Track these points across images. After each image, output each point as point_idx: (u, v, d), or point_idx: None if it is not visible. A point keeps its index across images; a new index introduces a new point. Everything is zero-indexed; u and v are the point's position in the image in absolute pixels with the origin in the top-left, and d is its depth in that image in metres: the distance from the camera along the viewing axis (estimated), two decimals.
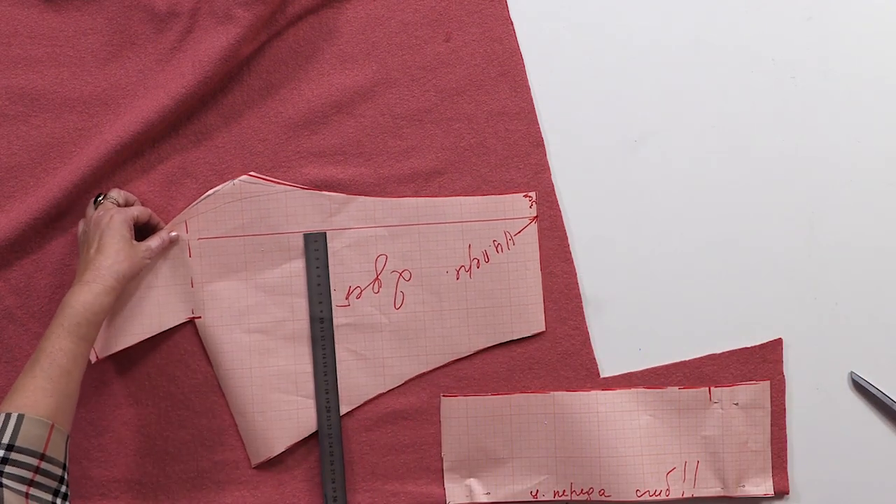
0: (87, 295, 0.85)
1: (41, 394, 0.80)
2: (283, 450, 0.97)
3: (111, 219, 0.89)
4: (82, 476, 0.97)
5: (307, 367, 0.98)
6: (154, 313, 0.96)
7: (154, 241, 0.93)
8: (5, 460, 0.75)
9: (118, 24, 0.96)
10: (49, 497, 0.77)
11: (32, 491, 0.76)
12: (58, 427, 0.79)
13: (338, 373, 0.98)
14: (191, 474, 0.98)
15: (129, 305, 0.95)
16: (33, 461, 0.77)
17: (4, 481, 0.75)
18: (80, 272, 0.88)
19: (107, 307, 0.86)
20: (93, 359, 0.93)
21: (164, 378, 0.98)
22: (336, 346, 0.98)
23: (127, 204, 0.94)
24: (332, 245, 0.98)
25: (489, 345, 0.99)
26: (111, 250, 0.88)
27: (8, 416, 0.77)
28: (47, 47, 0.96)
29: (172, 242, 0.96)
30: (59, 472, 0.78)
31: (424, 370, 0.98)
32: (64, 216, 0.96)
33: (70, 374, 0.83)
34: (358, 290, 0.98)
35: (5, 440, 0.76)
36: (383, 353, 0.98)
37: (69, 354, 0.83)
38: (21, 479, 0.76)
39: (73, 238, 0.96)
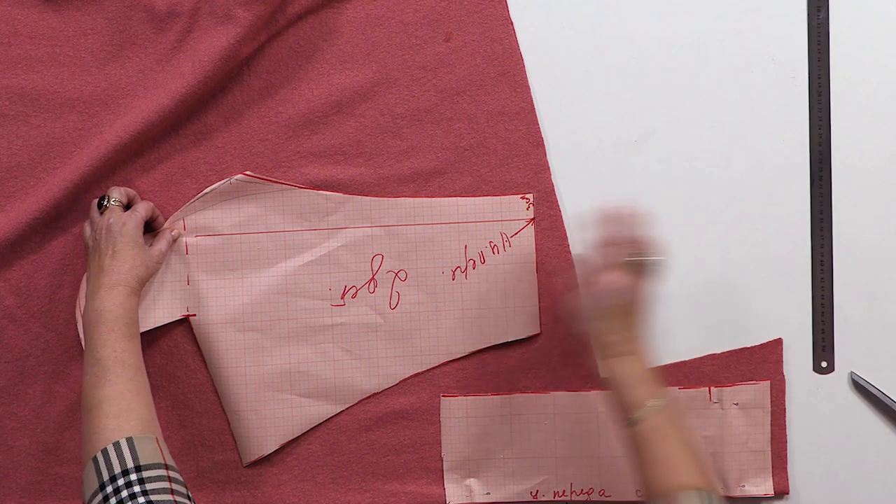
0: (118, 298, 0.87)
1: (131, 397, 0.82)
2: (275, 448, 0.97)
3: (123, 225, 0.90)
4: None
5: (302, 365, 0.98)
6: (149, 310, 0.96)
7: (163, 244, 0.94)
8: (142, 480, 0.77)
9: (118, 24, 0.96)
10: (187, 502, 0.78)
11: (177, 498, 0.78)
12: (159, 438, 0.81)
13: (332, 372, 0.98)
14: (191, 474, 0.98)
15: None
16: (162, 472, 0.78)
17: (154, 499, 0.76)
18: (95, 278, 0.89)
19: (136, 308, 0.89)
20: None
21: (164, 378, 0.98)
22: (331, 345, 0.98)
23: (130, 203, 0.94)
24: (328, 244, 0.98)
25: (484, 346, 0.99)
26: (127, 256, 0.90)
27: (118, 443, 0.79)
28: (47, 47, 0.96)
29: (175, 239, 0.96)
30: (181, 478, 0.80)
31: (419, 370, 0.98)
32: (64, 216, 0.96)
33: (142, 370, 0.86)
34: (353, 290, 0.98)
35: (131, 463, 0.77)
36: (378, 352, 0.98)
37: (133, 353, 0.86)
38: (165, 491, 0.77)
39: (73, 238, 0.96)
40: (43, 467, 0.97)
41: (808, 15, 0.99)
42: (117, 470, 0.77)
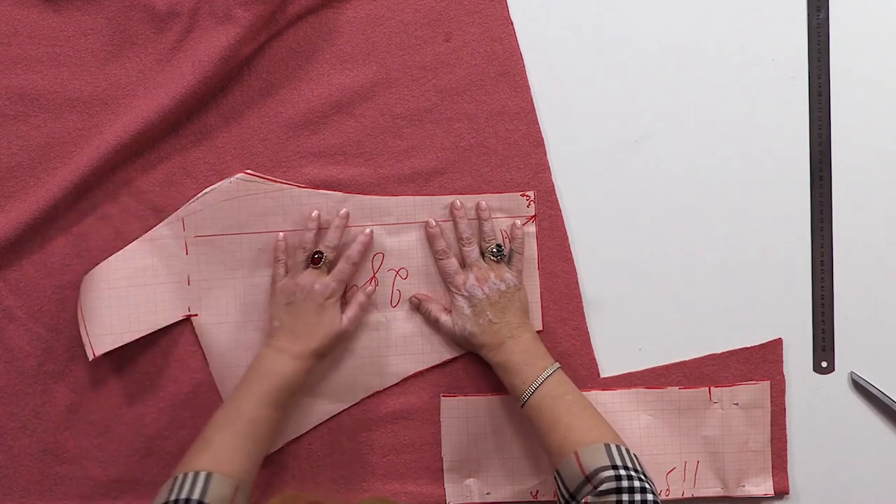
0: (292, 370, 0.89)
1: (239, 455, 0.84)
2: (277, 447, 0.97)
3: (326, 301, 0.91)
4: (83, 476, 0.97)
5: None
6: (150, 311, 0.96)
7: (354, 311, 0.95)
8: None
9: (118, 24, 0.96)
10: None
11: None
12: (242, 488, 0.82)
13: (334, 371, 0.98)
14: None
15: (126, 303, 0.95)
16: None
17: None
18: (287, 338, 0.90)
19: (303, 383, 0.91)
20: (90, 356, 0.93)
21: (164, 378, 0.98)
22: None
23: (337, 257, 0.94)
24: None
25: None
26: (321, 334, 0.91)
27: (197, 474, 0.81)
28: (47, 47, 0.96)
29: (368, 299, 0.97)
30: None
31: (421, 368, 0.98)
32: (64, 216, 0.96)
33: (265, 441, 0.88)
34: (355, 289, 0.98)
35: (196, 496, 0.79)
36: (380, 351, 0.98)
37: (270, 423, 0.88)
38: None
39: (73, 238, 0.96)
40: (43, 467, 0.97)
41: (808, 15, 0.99)
42: (182, 496, 0.79)
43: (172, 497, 0.79)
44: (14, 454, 0.97)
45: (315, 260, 0.93)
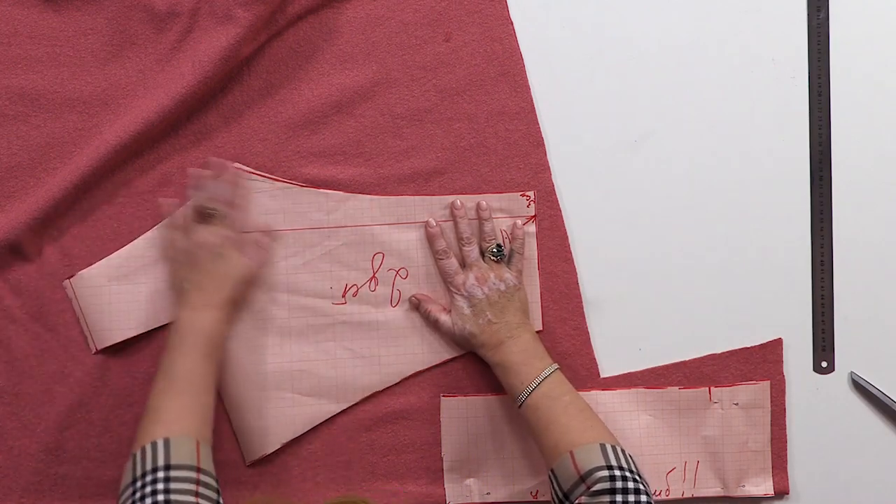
0: (211, 322, 0.89)
1: (186, 413, 0.84)
2: (277, 447, 0.97)
3: (222, 250, 0.91)
4: (83, 476, 0.97)
5: (303, 364, 0.98)
6: (150, 308, 0.96)
7: (252, 251, 0.95)
8: (168, 479, 0.78)
9: (118, 24, 0.96)
10: None
11: (201, 501, 0.79)
12: (203, 443, 0.82)
13: (334, 370, 0.98)
14: None
15: (126, 300, 0.95)
16: (192, 475, 0.79)
17: (173, 498, 0.77)
18: (197, 294, 0.90)
19: (226, 332, 0.92)
20: (92, 349, 0.93)
21: None
22: (332, 343, 0.98)
23: (226, 205, 0.94)
24: (329, 243, 0.98)
25: None
26: (228, 281, 0.91)
27: (154, 443, 0.80)
28: (47, 47, 0.96)
29: (267, 238, 0.97)
30: (215, 483, 0.81)
31: (420, 368, 0.98)
32: (64, 216, 0.96)
33: (207, 394, 0.87)
34: (354, 288, 0.98)
35: (161, 462, 0.79)
36: (380, 350, 0.98)
37: (206, 377, 0.87)
38: (189, 493, 0.78)
39: (73, 238, 0.96)
40: (43, 467, 0.97)
41: (808, 15, 0.99)
42: (148, 467, 0.79)
43: (139, 472, 0.79)
44: (14, 454, 0.97)
45: (206, 216, 0.93)
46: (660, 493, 0.99)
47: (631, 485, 0.80)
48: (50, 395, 0.97)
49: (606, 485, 0.80)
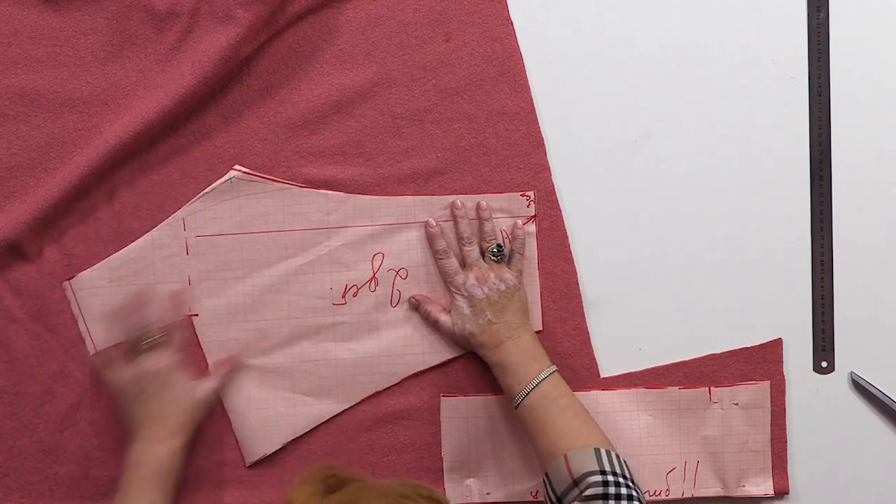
0: (165, 453, 0.90)
1: None
2: (278, 447, 0.97)
3: (169, 375, 0.92)
4: (82, 476, 0.97)
5: (304, 364, 0.98)
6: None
7: (213, 382, 0.95)
8: None
9: (118, 24, 0.96)
10: None
11: None
12: None
13: (334, 370, 0.98)
14: (191, 474, 0.98)
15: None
16: None
17: None
18: (149, 425, 0.91)
19: (182, 460, 0.92)
20: (91, 350, 0.93)
21: None
22: (332, 344, 0.98)
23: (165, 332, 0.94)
24: (329, 243, 0.98)
25: None
26: (179, 407, 0.92)
27: None
28: (47, 47, 0.96)
29: (237, 367, 0.97)
30: None
31: (420, 368, 0.98)
32: (64, 216, 0.96)
33: None
34: (354, 289, 0.98)
35: None
36: (379, 351, 0.98)
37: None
38: None
39: (73, 238, 0.96)
40: (43, 467, 0.97)
41: (808, 15, 0.99)
42: None
43: None
44: (14, 454, 0.97)
45: (144, 345, 0.92)
46: (660, 493, 0.99)
47: (624, 491, 0.80)
48: (50, 395, 0.97)
49: (599, 490, 0.80)
